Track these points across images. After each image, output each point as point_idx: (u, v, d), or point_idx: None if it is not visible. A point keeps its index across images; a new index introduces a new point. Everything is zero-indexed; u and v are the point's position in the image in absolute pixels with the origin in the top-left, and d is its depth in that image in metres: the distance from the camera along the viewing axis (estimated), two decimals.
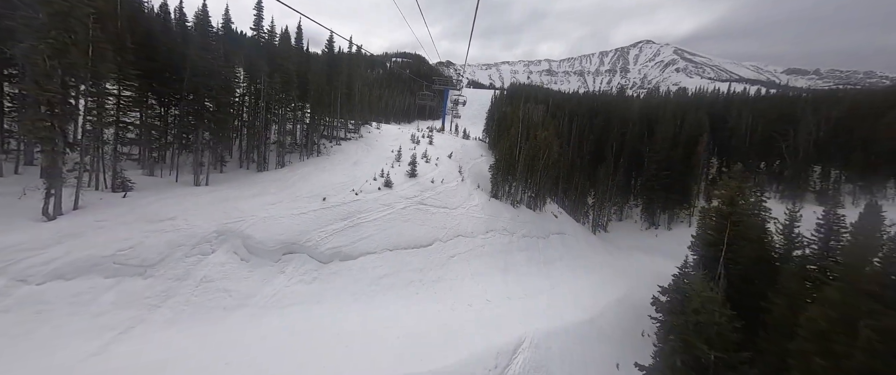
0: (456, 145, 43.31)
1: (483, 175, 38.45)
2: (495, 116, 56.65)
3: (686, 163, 55.31)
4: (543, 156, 38.13)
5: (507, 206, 33.44)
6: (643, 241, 53.87)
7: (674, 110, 68.46)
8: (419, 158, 31.50)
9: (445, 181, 28.88)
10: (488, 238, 25.63)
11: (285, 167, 22.51)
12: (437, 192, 26.31)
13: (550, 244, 34.11)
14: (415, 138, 36.80)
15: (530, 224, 33.58)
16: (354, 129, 34.15)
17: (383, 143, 33.10)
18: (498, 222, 28.82)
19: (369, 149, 30.15)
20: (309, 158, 24.78)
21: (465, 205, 27.40)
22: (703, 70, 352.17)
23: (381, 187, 22.99)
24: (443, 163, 33.14)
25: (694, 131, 57.09)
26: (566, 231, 40.54)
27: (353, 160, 25.55)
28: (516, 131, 38.83)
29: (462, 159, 38.95)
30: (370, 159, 27.13)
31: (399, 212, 21.45)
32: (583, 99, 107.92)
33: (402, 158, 29.59)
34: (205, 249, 12.58)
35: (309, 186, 19.29)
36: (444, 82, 56.83)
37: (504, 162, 33.82)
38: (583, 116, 72.15)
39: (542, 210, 39.54)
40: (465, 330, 14.05)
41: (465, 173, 34.24)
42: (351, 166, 24.26)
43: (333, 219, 17.71)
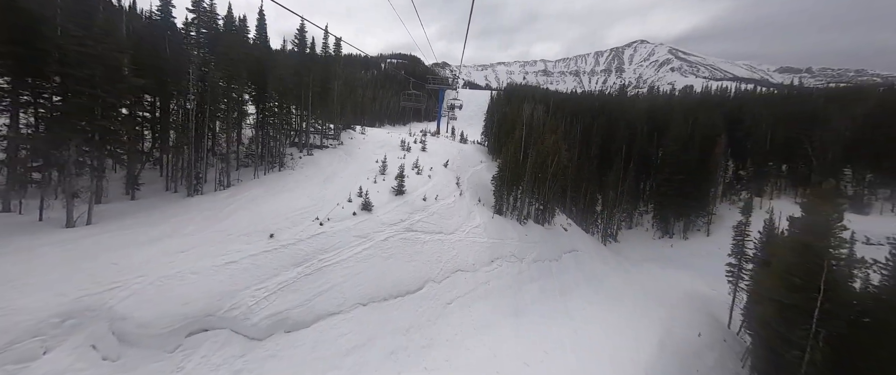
0: (452, 150, 38.05)
1: (484, 186, 33.21)
2: (495, 118, 51.50)
3: (701, 166, 50.34)
4: (552, 163, 32.99)
5: (513, 223, 28.24)
6: (657, 251, 48.86)
7: (685, 110, 63.65)
8: (409, 169, 26.23)
9: (441, 198, 23.64)
10: (494, 270, 20.44)
11: (230, 188, 17.01)
12: (431, 213, 21.07)
13: (564, 266, 28.95)
14: (405, 145, 31.55)
15: (541, 244, 28.40)
16: (334, 134, 28.83)
17: (367, 151, 27.79)
18: (504, 245, 23.64)
19: (349, 159, 24.83)
20: (268, 173, 19.46)
21: (464, 227, 22.21)
22: (697, 69, 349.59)
23: (357, 211, 17.69)
24: (437, 174, 27.86)
25: (709, 132, 52.17)
26: (578, 247, 35.44)
27: (324, 175, 20.26)
28: (520, 135, 33.65)
29: (460, 167, 33.70)
30: (347, 173, 21.82)
31: (379, 246, 16.17)
32: (583, 99, 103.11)
33: (387, 170, 24.29)
34: (29, 351, 7.32)
35: (252, 216, 13.95)
36: (439, 82, 51.56)
37: (509, 172, 28.63)
38: (585, 116, 67.23)
39: (551, 224, 34.40)
40: None
41: (463, 186, 28.99)
42: (320, 184, 18.97)
43: (282, 266, 12.42)
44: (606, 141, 59.80)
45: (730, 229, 47.71)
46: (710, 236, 48.18)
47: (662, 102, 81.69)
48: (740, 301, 27.17)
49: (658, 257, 47.05)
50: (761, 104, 58.25)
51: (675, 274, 40.05)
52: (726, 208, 50.93)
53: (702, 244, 48.00)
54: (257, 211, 14.56)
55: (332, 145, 27.15)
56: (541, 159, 31.79)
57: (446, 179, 27.77)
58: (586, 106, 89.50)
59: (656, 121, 67.72)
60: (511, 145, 30.58)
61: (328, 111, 27.81)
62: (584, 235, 43.07)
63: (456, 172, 31.61)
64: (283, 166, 20.32)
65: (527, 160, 30.79)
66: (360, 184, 20.29)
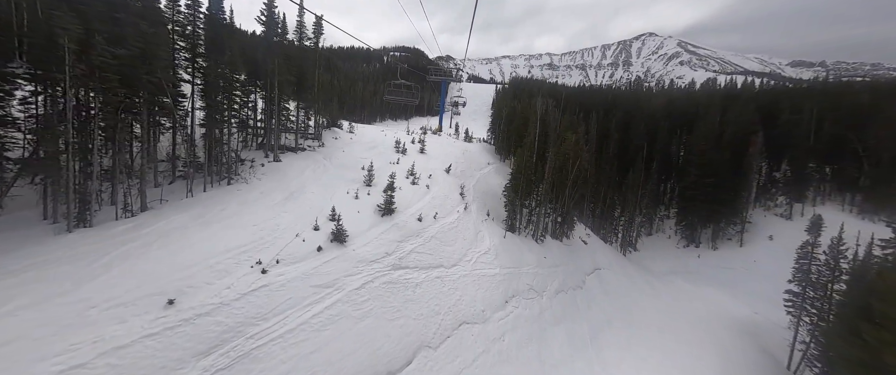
0: (455, 151, 32.84)
1: (493, 193, 28.07)
2: (503, 113, 46.04)
3: (734, 168, 44.61)
4: (573, 167, 27.72)
5: (528, 243, 23.14)
6: (682, 262, 43.47)
7: (710, 105, 57.59)
8: (403, 177, 21.14)
9: (441, 215, 18.60)
10: (509, 316, 15.46)
11: (140, 216, 11.60)
12: (427, 238, 16.05)
13: (590, 294, 23.87)
14: (400, 146, 26.42)
15: (562, 268, 23.32)
16: (314, 134, 23.76)
17: (353, 155, 22.71)
18: (521, 276, 18.60)
19: (327, 166, 19.77)
20: (210, 189, 14.52)
21: (470, 255, 17.19)
22: (707, 63, 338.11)
23: (323, 244, 12.70)
24: (438, 182, 22.73)
25: (742, 129, 46.28)
26: (600, 264, 30.34)
27: (287, 191, 15.23)
28: (534, 135, 28.36)
29: (464, 172, 28.52)
30: (320, 187, 16.77)
31: (351, 299, 11.23)
32: (595, 93, 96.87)
33: (375, 180, 19.21)
34: None
35: (152, 266, 8.92)
36: (441, 73, 46.15)
37: (523, 180, 23.45)
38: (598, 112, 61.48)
39: (569, 238, 29.28)
40: None
41: (469, 196, 23.86)
42: (278, 205, 13.96)
43: (173, 361, 7.55)
44: (624, 139, 54.18)
45: (766, 240, 42.68)
46: (743, 246, 42.66)
47: (680, 96, 75.38)
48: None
49: (684, 269, 41.77)
50: (801, 98, 51.95)
51: (709, 293, 34.84)
52: (761, 214, 45.26)
53: (734, 255, 42.48)
54: (164, 256, 9.64)
55: (310, 148, 22.08)
56: (559, 162, 26.55)
57: (448, 188, 22.63)
58: (598, 100, 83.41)
59: (677, 117, 61.84)
60: (524, 148, 25.32)
61: (306, 106, 22.66)
62: (603, 246, 37.92)
63: (460, 178, 26.46)
64: (233, 178, 15.26)
65: (543, 164, 25.57)
66: (335, 202, 15.24)
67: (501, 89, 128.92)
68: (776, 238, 41.16)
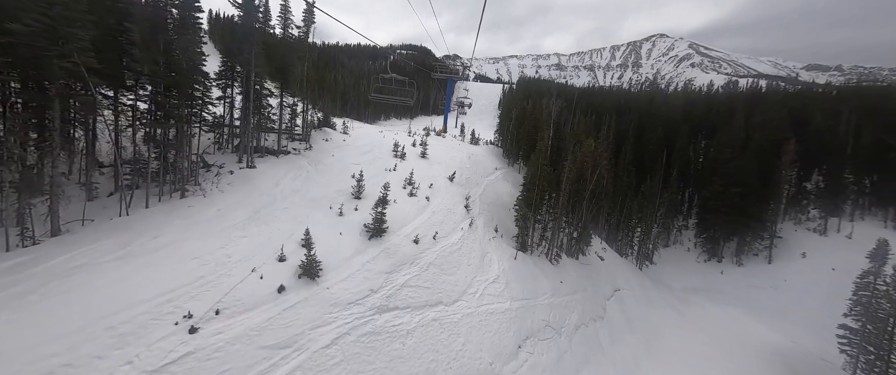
0: (461, 155, 29.77)
1: (502, 204, 24.98)
2: (512, 114, 42.84)
3: (763, 177, 40.91)
4: (592, 177, 24.47)
5: (542, 264, 20.02)
6: (703, 279, 39.87)
7: (734, 108, 53.73)
8: (399, 187, 18.16)
9: (442, 235, 15.60)
10: (523, 367, 12.38)
11: (48, 242, 8.74)
12: (424, 266, 13.07)
13: (612, 324, 20.68)
14: (398, 149, 23.44)
15: (580, 295, 20.15)
16: (301, 135, 20.87)
17: (344, 159, 19.78)
18: (535, 310, 15.53)
19: (310, 174, 16.86)
20: (157, 203, 11.63)
21: (475, 286, 14.17)
22: (719, 65, 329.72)
23: (286, 283, 9.76)
24: (440, 192, 19.71)
25: (772, 135, 42.50)
26: (620, 284, 27.14)
27: (254, 207, 12.29)
28: (547, 141, 25.17)
29: (470, 179, 25.44)
30: (297, 201, 13.84)
31: (316, 363, 8.27)
32: (607, 94, 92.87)
33: (365, 191, 16.24)
34: None
35: (11, 335, 6.10)
36: (447, 71, 43.04)
37: (537, 192, 20.29)
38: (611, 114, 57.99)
39: (586, 255, 26.11)
40: None
41: (474, 209, 20.78)
42: (236, 227, 11.01)
43: None
44: (639, 144, 50.64)
45: (799, 257, 38.80)
46: (772, 263, 38.93)
47: (699, 99, 71.28)
48: None
49: (706, 286, 38.21)
50: (834, 102, 47.89)
51: (737, 315, 31.32)
52: (791, 228, 41.48)
53: (762, 272, 38.77)
54: (43, 313, 6.74)
55: (295, 151, 19.16)
56: (577, 172, 23.35)
57: (451, 200, 19.57)
58: (611, 102, 79.61)
59: (697, 121, 58.04)
60: (537, 154, 22.08)
61: (295, 102, 19.72)
62: (619, 261, 34.62)
63: (465, 187, 23.38)
64: (188, 190, 12.33)
65: (562, 172, 22.38)
66: (312, 222, 12.28)
67: (509, 89, 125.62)
68: (810, 256, 37.41)
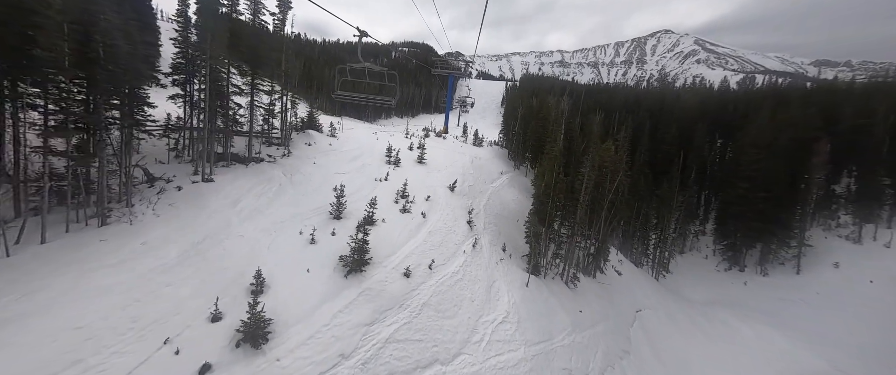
0: (463, 159, 26.81)
1: (509, 214, 22.03)
2: (518, 113, 39.76)
3: (789, 180, 37.61)
4: (612, 185, 21.42)
5: (558, 291, 17.10)
6: (725, 291, 36.64)
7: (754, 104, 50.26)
8: (390, 201, 15.30)
9: (440, 262, 12.76)
10: None
11: None
12: (416, 309, 10.25)
13: (639, 359, 17.70)
14: (392, 155, 20.54)
15: (603, 327, 17.19)
16: (280, 139, 18.04)
17: (327, 167, 16.93)
18: (553, 356, 12.59)
19: (283, 187, 14.03)
20: (64, 234, 8.40)
21: (480, 330, 11.30)
22: (725, 61, 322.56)
23: (214, 359, 6.94)
24: (438, 206, 16.81)
25: (801, 135, 39.07)
26: (641, 303, 24.20)
27: (196, 236, 9.41)
28: (559, 145, 22.11)
29: (473, 186, 22.48)
30: (259, 224, 10.96)
31: None
32: (615, 91, 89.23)
33: (346, 209, 13.37)
34: None
35: None
36: (448, 67, 39.99)
37: (551, 206, 17.32)
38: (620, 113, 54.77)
39: (603, 273, 23.16)
40: None
41: (479, 224, 17.85)
42: (161, 269, 8.15)
43: None
44: (654, 144, 47.39)
45: (831, 267, 35.31)
46: (800, 274, 35.67)
47: (711, 96, 67.54)
48: None
49: (730, 299, 35.00)
50: (866, 98, 44.24)
51: (767, 334, 28.08)
52: (820, 236, 38.14)
53: (790, 284, 35.49)
54: None
55: (269, 159, 16.33)
56: (596, 180, 20.29)
57: (452, 215, 16.65)
58: (619, 100, 76.07)
59: (713, 119, 54.51)
60: (549, 160, 18.97)
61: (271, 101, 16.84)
62: (636, 273, 31.62)
63: (467, 196, 20.43)
64: (110, 214, 9.45)
65: (577, 181, 19.35)
66: (273, 255, 9.46)
67: (512, 86, 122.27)
68: (843, 266, 34.07)
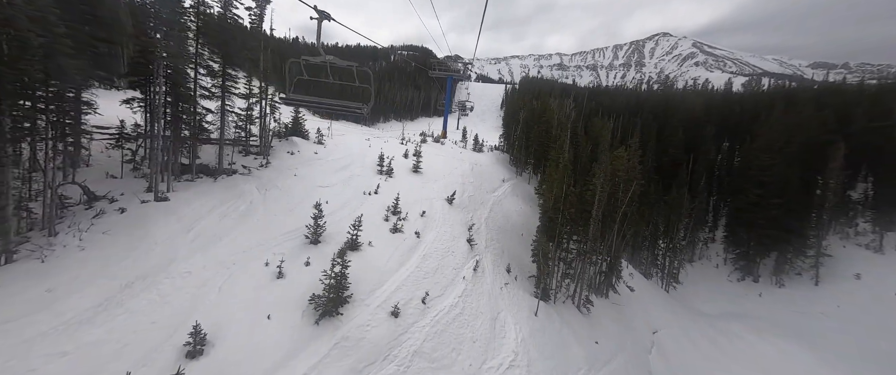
0: (462, 166, 24.85)
1: (512, 228, 20.02)
2: (519, 117, 37.88)
3: (806, 186, 35.73)
4: (627, 196, 19.44)
5: (571, 319, 15.08)
6: (739, 303, 34.54)
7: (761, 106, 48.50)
8: (380, 219, 13.33)
9: (435, 295, 10.79)
10: None
11: None
12: (406, 359, 8.24)
13: None
14: (384, 164, 18.59)
15: (622, 358, 15.14)
16: (258, 148, 16.08)
17: (309, 179, 14.96)
18: None
19: (253, 206, 12.04)
20: None
21: None
22: (723, 64, 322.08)
23: None
24: (434, 223, 14.82)
25: (816, 138, 37.25)
26: (656, 323, 22.24)
27: (126, 277, 7.49)
28: (566, 153, 20.19)
29: (474, 197, 20.48)
30: (215, 255, 9.01)
31: None
32: (617, 94, 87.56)
33: (325, 231, 11.36)
34: None
35: None
36: (446, 69, 38.13)
37: (561, 221, 15.33)
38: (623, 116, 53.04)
39: (617, 291, 21.15)
40: None
41: (481, 240, 15.85)
42: (65, 329, 6.12)
43: None
44: (661, 147, 45.51)
45: (852, 279, 33.35)
46: (819, 285, 33.65)
47: (716, 98, 65.81)
48: None
49: (743, 311, 32.93)
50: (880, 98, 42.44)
51: (793, 352, 25.90)
52: (838, 244, 36.18)
53: (808, 296, 33.46)
54: None
55: (244, 170, 14.35)
56: (609, 190, 18.31)
57: (450, 233, 14.65)
58: (621, 102, 74.27)
59: (720, 122, 52.65)
60: (557, 172, 16.94)
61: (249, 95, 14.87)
62: (647, 286, 29.67)
63: (467, 209, 18.44)
64: (14, 252, 7.36)
65: (588, 192, 17.38)
66: (222, 299, 7.47)
67: (511, 89, 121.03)
68: (865, 277, 32.07)
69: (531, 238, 18.31)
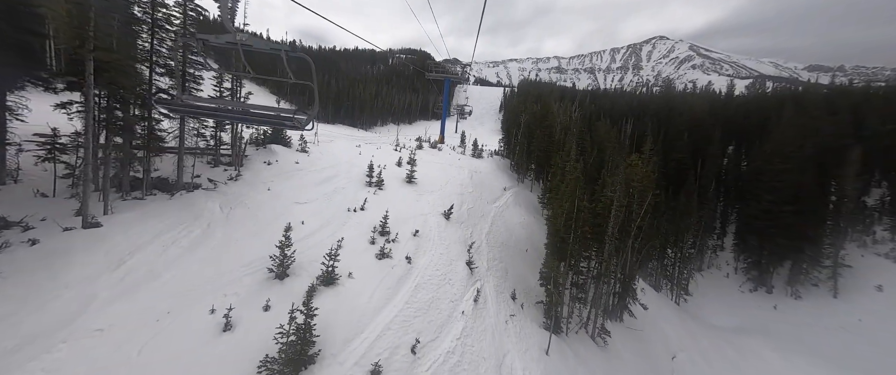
0: (461, 175, 22.90)
1: (515, 243, 18.05)
2: (520, 120, 36.02)
3: (820, 193, 33.97)
4: (643, 210, 17.50)
5: (587, 355, 13.02)
6: (754, 317, 32.53)
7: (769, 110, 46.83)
8: (365, 241, 11.35)
9: (429, 338, 8.81)
10: None
11: None
12: None
13: None
14: (374, 174, 16.64)
15: None
16: (230, 158, 14.11)
17: (285, 195, 12.98)
18: None
19: (212, 229, 10.08)
20: None
21: None
22: (720, 67, 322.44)
23: None
24: (429, 243, 12.82)
25: (829, 141, 35.54)
26: (674, 345, 20.32)
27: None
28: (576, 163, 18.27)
29: (473, 209, 18.50)
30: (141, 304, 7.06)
31: None
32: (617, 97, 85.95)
33: (295, 262, 9.39)
34: None
35: None
36: (442, 71, 36.20)
37: (573, 242, 13.36)
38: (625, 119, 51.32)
39: (630, 313, 19.17)
40: None
41: (481, 261, 13.86)
42: None
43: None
44: (666, 152, 43.70)
45: (873, 290, 31.49)
46: (837, 297, 31.73)
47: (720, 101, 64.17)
48: None
49: (759, 326, 30.88)
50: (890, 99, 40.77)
51: (814, 372, 24.28)
52: (856, 253, 34.29)
53: (826, 309, 31.52)
54: None
55: (209, 185, 12.37)
56: (625, 203, 16.38)
57: (447, 254, 12.65)
58: (622, 105, 72.63)
59: (726, 125, 50.93)
60: (568, 184, 14.94)
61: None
62: (658, 300, 27.60)
63: (466, 224, 16.45)
64: None
65: (604, 205, 15.44)
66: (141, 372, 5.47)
67: (509, 92, 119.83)
68: (887, 289, 30.20)
69: (536, 253, 16.33)
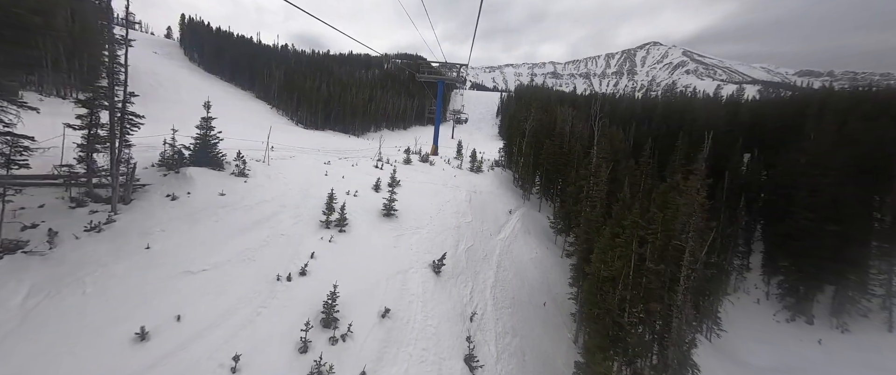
0: (458, 197, 18.06)
1: (529, 298, 13.12)
2: (525, 127, 31.40)
3: (864, 210, 29.56)
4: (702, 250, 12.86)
5: None
6: (795, 354, 27.46)
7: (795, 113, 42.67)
8: (288, 354, 6.59)
9: None
10: None
11: None
12: None
13: None
14: (335, 208, 11.87)
15: None
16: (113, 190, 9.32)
17: (163, 262, 8.17)
18: None
19: (61, 299, 5.40)
20: None
21: None
22: (713, 72, 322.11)
23: None
24: (404, 338, 8.04)
25: (869, 151, 31.18)
26: None
27: None
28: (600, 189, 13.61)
29: (473, 249, 13.63)
30: None
31: None
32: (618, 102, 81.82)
33: None
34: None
35: None
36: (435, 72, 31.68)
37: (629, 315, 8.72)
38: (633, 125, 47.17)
39: None
40: None
41: (489, 349, 9.08)
42: None
43: None
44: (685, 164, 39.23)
45: None
46: (894, 332, 27.12)
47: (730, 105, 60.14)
48: None
49: (803, 365, 25.96)
50: None
51: None
52: None
53: (880, 344, 26.73)
54: None
55: (45, 240, 7.55)
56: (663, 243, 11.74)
57: (434, 358, 7.86)
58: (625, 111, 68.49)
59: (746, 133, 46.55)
60: (606, 236, 10.13)
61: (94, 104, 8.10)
62: None
63: (464, 277, 11.61)
64: None
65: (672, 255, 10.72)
66: None
67: (507, 97, 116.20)
68: None
69: (555, 305, 11.55)
